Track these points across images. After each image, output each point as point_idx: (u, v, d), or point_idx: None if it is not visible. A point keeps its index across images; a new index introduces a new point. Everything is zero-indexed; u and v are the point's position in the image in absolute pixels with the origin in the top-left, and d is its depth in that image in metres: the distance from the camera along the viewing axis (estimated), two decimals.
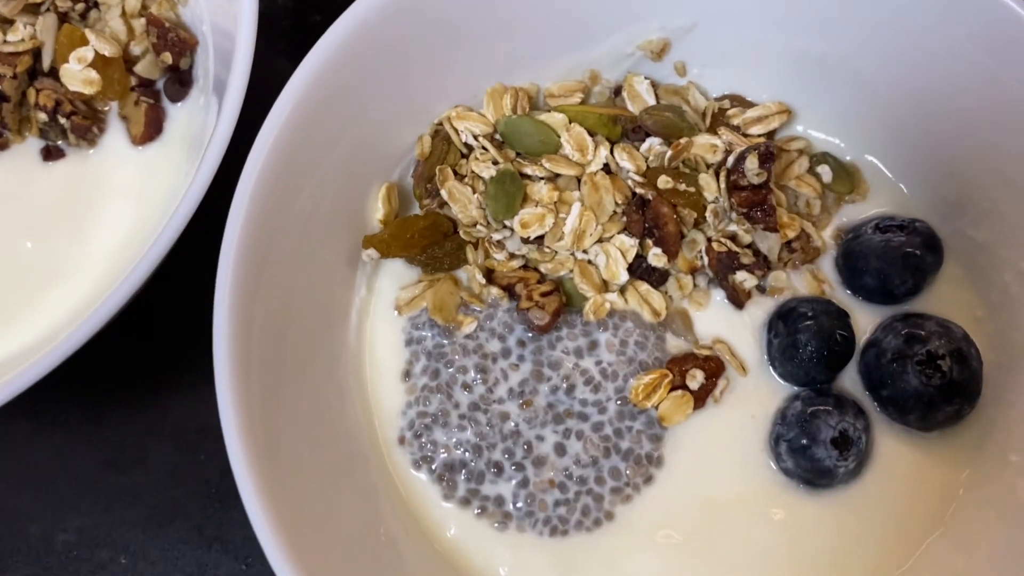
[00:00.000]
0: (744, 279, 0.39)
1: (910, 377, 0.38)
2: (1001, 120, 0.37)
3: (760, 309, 0.41)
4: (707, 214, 0.40)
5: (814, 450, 0.37)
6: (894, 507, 0.38)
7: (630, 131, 0.42)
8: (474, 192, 0.40)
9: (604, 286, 0.40)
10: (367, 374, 0.39)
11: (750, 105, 0.43)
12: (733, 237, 0.40)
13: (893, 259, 0.39)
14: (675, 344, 0.40)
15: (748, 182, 0.39)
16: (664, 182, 0.40)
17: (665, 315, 0.40)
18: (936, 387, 0.37)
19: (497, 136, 0.41)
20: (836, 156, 0.43)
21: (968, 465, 0.38)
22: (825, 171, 0.42)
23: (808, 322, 0.39)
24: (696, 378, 0.39)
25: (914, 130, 0.41)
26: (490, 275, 0.40)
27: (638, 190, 0.40)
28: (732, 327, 0.40)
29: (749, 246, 0.40)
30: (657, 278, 0.41)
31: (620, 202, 0.40)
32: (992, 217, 0.40)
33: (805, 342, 0.38)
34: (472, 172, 0.40)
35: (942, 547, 0.37)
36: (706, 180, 0.40)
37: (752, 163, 0.39)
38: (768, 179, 0.39)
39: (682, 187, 0.40)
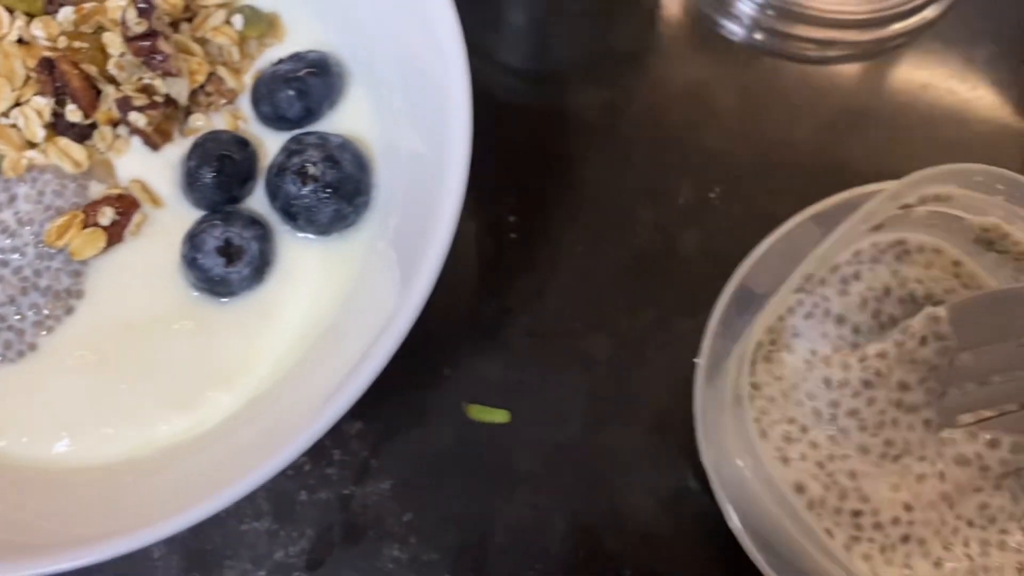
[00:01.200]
0: (136, 118, 0.43)
1: (288, 185, 0.42)
2: None
3: (181, 149, 0.44)
4: (111, 67, 0.43)
5: (202, 261, 0.41)
6: (296, 308, 0.42)
7: (48, 3, 0.45)
8: None
9: (28, 145, 0.44)
10: None
11: None
12: (148, 88, 0.44)
13: (278, 84, 0.43)
14: (99, 190, 0.44)
15: (133, 32, 0.42)
16: (62, 42, 0.43)
17: (87, 165, 0.44)
18: (311, 190, 0.41)
19: None
20: (256, 7, 0.46)
21: (360, 263, 0.43)
22: (238, 20, 0.46)
23: (200, 150, 0.43)
24: (106, 215, 0.42)
25: None
26: None
27: (46, 53, 0.43)
28: (151, 167, 0.44)
29: (167, 95, 0.44)
30: (79, 132, 0.44)
31: (32, 67, 0.43)
32: (370, 38, 0.44)
33: (197, 167, 0.42)
34: None
35: (332, 337, 0.41)
36: (110, 37, 0.44)
37: (131, 14, 0.42)
38: (151, 28, 0.42)
39: (78, 44, 0.43)
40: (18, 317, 0.41)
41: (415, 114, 0.42)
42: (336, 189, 0.42)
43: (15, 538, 0.36)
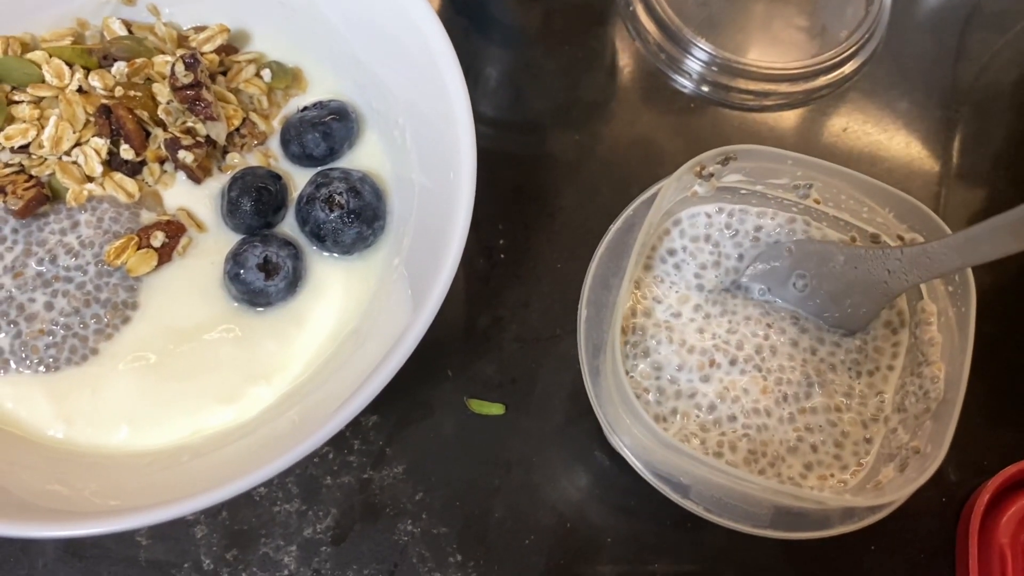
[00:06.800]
0: (184, 156, 0.50)
1: (318, 212, 0.49)
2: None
3: (219, 182, 0.52)
4: (160, 113, 0.51)
5: (244, 275, 0.48)
6: (323, 316, 0.49)
7: (102, 59, 0.53)
8: None
9: (88, 179, 0.51)
10: None
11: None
12: (190, 130, 0.51)
13: (306, 128, 0.51)
14: (149, 217, 0.51)
15: (181, 83, 0.50)
16: (119, 91, 0.50)
17: (139, 196, 0.51)
18: (336, 216, 0.49)
19: None
20: (282, 63, 0.54)
21: (377, 277, 0.50)
22: (267, 74, 0.53)
23: (240, 182, 0.50)
24: (158, 238, 0.49)
25: (341, 46, 0.53)
26: None
27: (103, 101, 0.51)
28: (194, 198, 0.51)
29: (207, 136, 0.51)
30: (131, 168, 0.51)
31: (91, 112, 0.51)
32: (382, 89, 0.52)
33: (238, 197, 0.50)
34: None
35: (354, 341, 0.49)
36: (159, 88, 0.51)
37: (180, 68, 0.50)
38: (196, 79, 0.50)
39: (132, 93, 0.50)
40: (82, 326, 0.48)
41: (422, 154, 0.49)
42: (358, 215, 0.49)
43: (76, 509, 0.42)
